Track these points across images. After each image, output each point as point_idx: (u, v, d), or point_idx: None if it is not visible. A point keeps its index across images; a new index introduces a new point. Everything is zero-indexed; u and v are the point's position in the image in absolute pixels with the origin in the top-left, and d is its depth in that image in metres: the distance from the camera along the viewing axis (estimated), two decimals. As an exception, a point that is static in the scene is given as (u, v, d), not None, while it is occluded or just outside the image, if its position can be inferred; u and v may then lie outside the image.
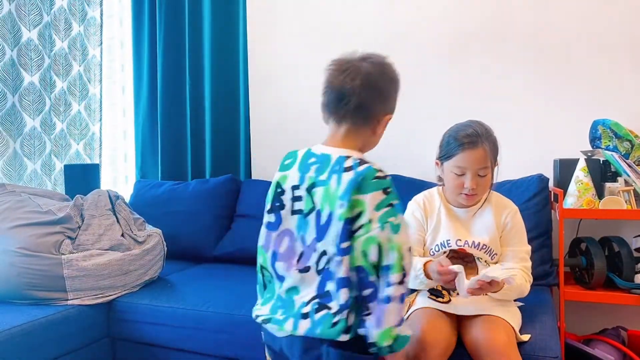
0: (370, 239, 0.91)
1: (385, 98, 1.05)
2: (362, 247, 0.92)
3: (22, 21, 2.31)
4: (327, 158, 1.02)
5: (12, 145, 2.29)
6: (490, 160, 1.30)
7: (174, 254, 2.24)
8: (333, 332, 0.94)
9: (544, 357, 1.21)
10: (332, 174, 0.98)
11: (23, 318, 1.50)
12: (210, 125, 2.62)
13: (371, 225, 0.92)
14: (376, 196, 0.94)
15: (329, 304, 0.96)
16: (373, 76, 1.05)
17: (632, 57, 1.89)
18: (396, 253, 0.91)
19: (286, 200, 1.05)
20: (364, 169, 0.96)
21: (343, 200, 0.94)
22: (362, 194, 0.94)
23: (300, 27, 2.44)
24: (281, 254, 1.05)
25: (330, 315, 0.95)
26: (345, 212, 0.94)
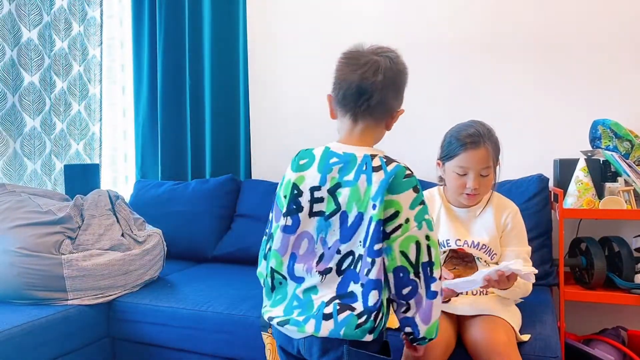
0: (409, 237, 0.92)
1: (400, 94, 1.07)
2: (400, 247, 0.92)
3: (22, 21, 2.31)
4: (352, 158, 0.99)
5: (12, 145, 2.29)
6: (493, 160, 1.30)
7: (174, 254, 2.24)
8: (358, 333, 0.93)
9: (544, 357, 1.21)
10: (359, 174, 0.97)
11: (23, 318, 1.50)
12: (210, 125, 2.62)
13: (409, 224, 0.93)
14: (409, 195, 0.94)
15: (352, 305, 0.95)
16: (393, 72, 1.06)
17: (632, 57, 1.89)
18: (434, 249, 0.94)
19: (304, 202, 1.01)
20: (393, 168, 0.95)
21: (375, 201, 0.93)
22: (396, 194, 0.93)
23: (300, 27, 2.44)
24: (301, 256, 1.02)
25: (354, 316, 0.94)
26: (379, 213, 0.92)
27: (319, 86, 2.41)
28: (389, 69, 1.04)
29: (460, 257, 1.38)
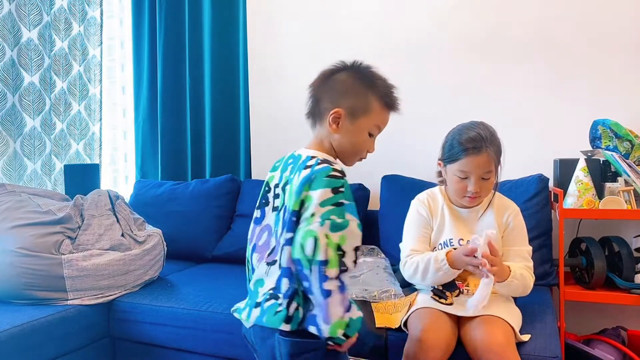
0: (308, 232, 0.91)
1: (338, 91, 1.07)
2: (300, 239, 0.92)
3: (22, 21, 2.31)
4: (299, 158, 1.07)
5: (12, 145, 2.29)
6: (494, 164, 1.30)
7: (174, 254, 2.23)
8: (275, 321, 0.96)
9: (544, 357, 1.20)
10: (296, 172, 1.02)
11: (23, 318, 1.50)
12: (210, 125, 2.63)
13: (313, 219, 0.93)
14: (324, 193, 0.94)
15: (277, 294, 0.99)
16: (329, 70, 1.10)
17: (632, 57, 1.89)
18: (332, 251, 0.90)
19: (270, 198, 1.10)
20: (320, 167, 0.98)
21: (295, 194, 0.98)
22: (312, 190, 0.96)
23: (300, 27, 2.44)
24: (259, 247, 1.09)
25: (277, 304, 0.98)
26: (293, 205, 0.97)
27: (319, 86, 2.41)
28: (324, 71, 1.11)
29: (461, 257, 1.38)
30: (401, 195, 1.77)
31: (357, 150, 1.10)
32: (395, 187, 2.03)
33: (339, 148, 1.08)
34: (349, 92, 1.07)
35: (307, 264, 0.91)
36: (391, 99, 1.10)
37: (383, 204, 2.06)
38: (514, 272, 1.27)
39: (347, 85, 1.07)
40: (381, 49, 2.27)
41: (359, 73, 1.09)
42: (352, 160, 1.12)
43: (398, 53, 2.25)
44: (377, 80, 1.10)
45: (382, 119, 1.10)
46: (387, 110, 1.10)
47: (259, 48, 2.52)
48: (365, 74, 1.09)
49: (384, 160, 2.26)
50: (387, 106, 1.10)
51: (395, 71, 2.24)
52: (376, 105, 1.08)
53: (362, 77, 1.08)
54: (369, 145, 1.11)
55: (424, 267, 1.32)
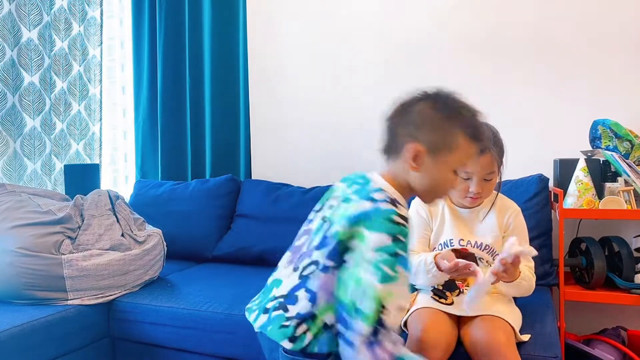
0: (357, 279, 0.87)
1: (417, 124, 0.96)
2: (346, 279, 0.88)
3: (22, 21, 2.31)
4: (367, 183, 1.00)
5: (12, 145, 2.29)
6: (497, 165, 1.31)
7: (174, 254, 2.24)
8: (278, 335, 0.93)
9: (544, 357, 1.20)
10: (358, 197, 0.96)
11: (23, 318, 1.50)
12: (210, 125, 2.63)
13: (364, 264, 0.87)
14: (382, 239, 0.88)
15: (288, 306, 0.95)
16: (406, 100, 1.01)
17: (632, 57, 1.89)
18: (374, 304, 0.84)
19: (326, 206, 1.06)
20: (384, 208, 0.90)
21: (347, 221, 0.92)
22: (369, 229, 0.89)
23: (300, 27, 2.44)
24: (294, 247, 1.07)
25: (284, 317, 0.94)
26: (341, 233, 0.92)
27: (319, 86, 2.42)
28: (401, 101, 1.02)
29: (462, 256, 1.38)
30: (401, 195, 1.77)
31: (439, 190, 1.00)
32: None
33: (418, 187, 0.99)
34: (429, 124, 0.95)
35: (350, 309, 0.87)
36: (478, 130, 0.97)
37: (383, 204, 2.06)
38: (523, 273, 1.27)
39: (427, 116, 0.96)
40: (381, 50, 2.28)
41: (440, 102, 0.97)
42: (432, 200, 1.03)
43: (398, 53, 2.25)
44: (461, 109, 0.97)
45: (468, 153, 0.97)
46: (473, 144, 0.97)
47: (259, 48, 2.53)
48: (446, 103, 0.97)
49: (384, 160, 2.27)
50: (474, 139, 0.97)
51: (395, 71, 2.26)
52: (461, 138, 0.95)
53: (443, 107, 0.96)
54: (453, 184, 1.00)
55: (416, 269, 1.32)
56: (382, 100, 2.27)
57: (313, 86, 2.43)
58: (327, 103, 2.40)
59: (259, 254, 2.14)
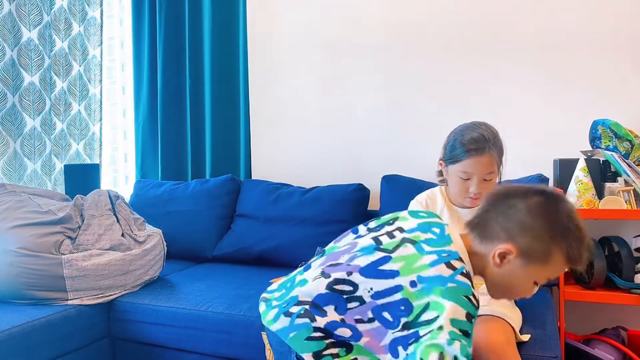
0: (434, 345, 0.80)
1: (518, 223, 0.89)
2: (422, 352, 0.81)
3: (22, 21, 2.31)
4: (446, 241, 0.92)
5: (12, 145, 2.29)
6: (497, 164, 1.30)
7: (174, 254, 2.24)
8: (303, 346, 0.88)
9: (543, 357, 1.20)
10: (434, 253, 0.90)
11: (23, 318, 1.50)
12: (210, 125, 2.63)
13: (440, 333, 0.81)
14: (459, 312, 0.82)
15: (316, 317, 0.90)
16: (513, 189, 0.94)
17: (632, 57, 1.89)
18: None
19: (382, 230, 1.00)
20: (463, 282, 0.85)
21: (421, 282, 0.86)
22: (446, 299, 0.83)
23: (300, 27, 2.44)
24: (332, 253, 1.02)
25: (310, 327, 0.89)
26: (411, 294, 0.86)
27: (319, 86, 2.42)
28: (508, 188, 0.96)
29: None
30: (401, 195, 1.77)
31: (511, 292, 0.96)
32: (395, 187, 2.03)
33: (490, 279, 0.94)
34: (531, 231, 0.89)
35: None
36: (579, 254, 0.89)
37: (383, 204, 2.06)
38: None
39: (532, 221, 0.89)
40: (381, 51, 2.28)
41: (553, 210, 0.89)
42: (498, 296, 0.98)
43: (398, 55, 2.25)
44: (570, 227, 0.89)
45: (559, 270, 0.92)
46: (568, 264, 0.91)
47: (259, 48, 2.53)
48: (559, 214, 0.89)
49: (384, 160, 2.27)
50: (571, 262, 0.90)
51: (395, 72, 2.26)
52: (559, 257, 0.89)
53: (553, 218, 0.89)
54: (527, 294, 0.94)
55: None
56: (382, 101, 2.28)
57: (313, 86, 2.43)
58: (327, 103, 2.40)
59: (259, 254, 2.14)
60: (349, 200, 2.11)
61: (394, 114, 2.26)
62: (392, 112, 2.26)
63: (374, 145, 2.31)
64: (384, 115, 2.28)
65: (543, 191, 0.91)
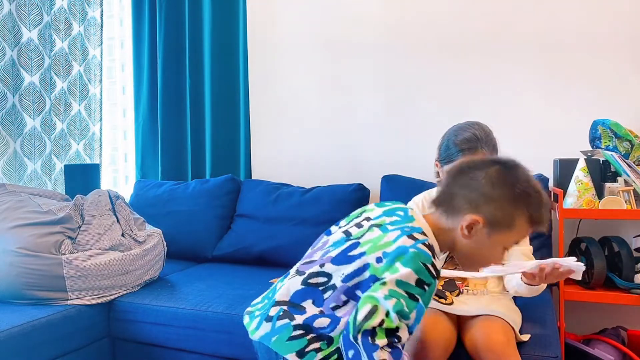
0: (371, 297, 0.85)
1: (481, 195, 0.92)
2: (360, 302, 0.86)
3: (22, 21, 2.31)
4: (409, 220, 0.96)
5: (12, 145, 2.29)
6: None
7: (174, 254, 2.24)
8: (285, 347, 0.90)
9: (544, 357, 1.21)
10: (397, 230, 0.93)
11: (23, 318, 1.50)
12: (210, 125, 2.63)
13: (381, 287, 0.85)
14: (410, 276, 0.86)
15: (295, 315, 0.92)
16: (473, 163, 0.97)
17: (632, 57, 1.89)
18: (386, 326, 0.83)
19: (352, 223, 1.03)
20: (424, 251, 0.88)
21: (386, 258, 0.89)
22: (404, 265, 0.87)
23: (300, 28, 2.44)
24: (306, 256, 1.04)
25: (291, 326, 0.91)
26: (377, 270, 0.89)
27: (319, 86, 2.42)
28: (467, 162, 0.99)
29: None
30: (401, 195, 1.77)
31: (482, 261, 0.98)
32: (395, 187, 2.03)
33: (462, 252, 0.96)
34: (494, 199, 0.91)
35: (355, 329, 0.84)
36: (541, 216, 0.93)
37: (383, 204, 2.06)
38: None
39: (494, 190, 0.91)
40: (381, 51, 2.28)
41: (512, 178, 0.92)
42: (469, 267, 1.02)
43: (398, 55, 2.25)
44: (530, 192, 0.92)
45: (524, 234, 0.95)
46: (532, 227, 0.93)
47: (259, 48, 2.53)
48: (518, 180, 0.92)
49: (384, 160, 2.27)
50: (535, 224, 0.93)
51: (395, 72, 2.26)
52: (522, 221, 0.92)
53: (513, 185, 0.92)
54: (498, 260, 0.97)
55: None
56: (382, 101, 2.28)
57: (313, 86, 2.43)
58: (327, 103, 2.40)
59: (259, 254, 2.14)
60: (349, 200, 2.11)
61: (394, 114, 2.26)
62: (392, 112, 2.26)
63: (374, 145, 2.31)
64: (384, 115, 2.28)
65: (499, 161, 0.96)
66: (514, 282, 1.30)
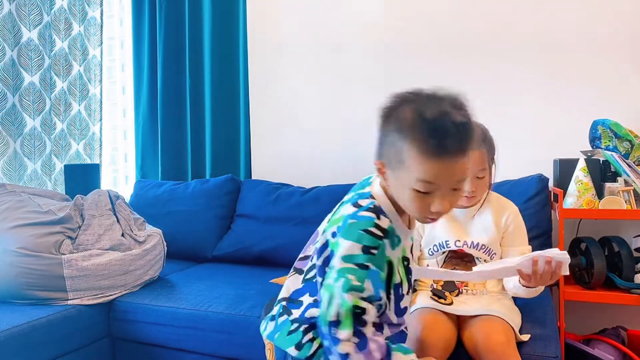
0: (326, 286, 0.84)
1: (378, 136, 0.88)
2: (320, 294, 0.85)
3: (22, 21, 2.31)
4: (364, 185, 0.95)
5: (12, 145, 2.29)
6: (488, 161, 1.30)
7: (174, 254, 2.24)
8: (286, 341, 0.91)
9: (544, 357, 1.21)
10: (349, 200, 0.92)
11: (23, 318, 1.50)
12: (210, 125, 2.63)
13: (331, 272, 0.84)
14: (352, 248, 0.83)
15: (292, 310, 0.94)
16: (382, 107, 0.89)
17: (632, 57, 1.89)
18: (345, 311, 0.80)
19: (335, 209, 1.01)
20: (364, 215, 0.86)
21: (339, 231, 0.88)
22: (344, 237, 0.85)
23: (300, 27, 2.44)
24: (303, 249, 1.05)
25: (289, 321, 0.93)
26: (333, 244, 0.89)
27: (318, 86, 2.42)
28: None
29: (459, 257, 1.39)
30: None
31: (407, 209, 0.87)
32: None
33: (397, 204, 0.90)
34: (382, 138, 0.87)
35: (322, 321, 0.84)
36: (435, 142, 0.79)
37: (383, 204, 2.06)
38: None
39: (382, 130, 0.87)
40: (381, 51, 2.27)
41: (392, 109, 0.85)
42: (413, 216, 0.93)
43: (398, 54, 2.25)
44: (412, 117, 0.81)
45: (425, 170, 0.80)
46: (431, 159, 0.80)
47: (259, 48, 2.53)
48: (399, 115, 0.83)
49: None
50: (427, 153, 0.80)
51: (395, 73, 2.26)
52: (414, 154, 0.80)
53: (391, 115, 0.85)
54: (413, 204, 0.84)
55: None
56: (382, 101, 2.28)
57: (313, 86, 2.43)
58: (327, 103, 2.40)
59: (259, 254, 2.14)
60: (349, 200, 2.11)
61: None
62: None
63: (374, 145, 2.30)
64: (384, 115, 2.27)
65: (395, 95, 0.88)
66: (511, 285, 1.30)
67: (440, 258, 1.40)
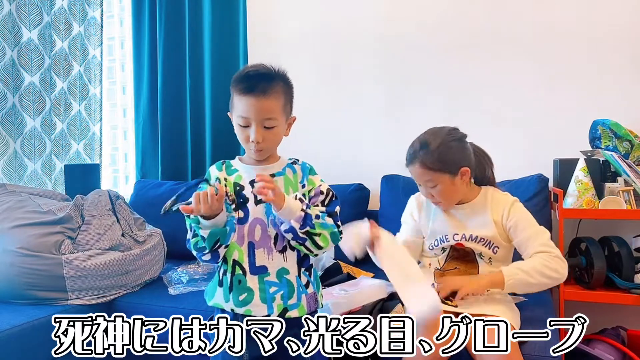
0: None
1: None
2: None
3: (22, 21, 2.31)
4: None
5: (12, 145, 2.29)
6: (438, 169, 1.32)
7: (174, 254, 2.23)
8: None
9: (544, 357, 1.21)
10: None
11: (23, 318, 1.50)
12: (210, 125, 2.63)
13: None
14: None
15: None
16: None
17: (632, 57, 1.89)
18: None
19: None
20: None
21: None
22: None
23: (300, 27, 2.44)
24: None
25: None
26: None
27: (318, 86, 2.42)
28: None
29: (461, 256, 1.39)
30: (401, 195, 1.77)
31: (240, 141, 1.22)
32: (395, 187, 2.03)
33: None
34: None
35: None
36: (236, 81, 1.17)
37: (383, 204, 2.06)
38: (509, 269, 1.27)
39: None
40: (380, 53, 2.28)
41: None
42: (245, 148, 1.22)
43: (397, 54, 2.25)
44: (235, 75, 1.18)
45: (238, 106, 1.17)
46: (238, 95, 1.16)
47: (259, 48, 2.53)
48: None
49: (384, 160, 2.27)
50: (236, 91, 1.17)
51: (396, 73, 2.26)
52: (233, 96, 1.19)
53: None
54: (241, 136, 1.20)
55: None
56: (382, 101, 2.28)
57: (313, 86, 2.43)
58: (327, 103, 2.40)
59: (259, 254, 2.14)
60: (349, 200, 2.11)
61: (394, 113, 2.26)
62: (392, 112, 2.26)
63: (374, 145, 2.31)
64: (384, 115, 2.28)
65: None
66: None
67: (441, 257, 1.41)
